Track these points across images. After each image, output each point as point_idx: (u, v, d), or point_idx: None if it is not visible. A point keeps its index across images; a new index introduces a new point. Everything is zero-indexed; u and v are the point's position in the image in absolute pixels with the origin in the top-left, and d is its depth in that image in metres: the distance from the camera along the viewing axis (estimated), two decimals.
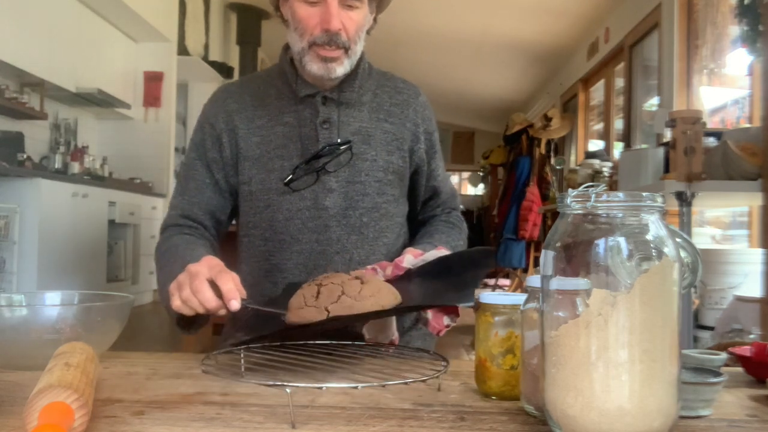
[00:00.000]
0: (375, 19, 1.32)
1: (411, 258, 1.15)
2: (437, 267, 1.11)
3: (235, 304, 0.94)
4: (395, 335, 1.08)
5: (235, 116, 1.29)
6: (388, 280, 1.11)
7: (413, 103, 1.38)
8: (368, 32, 1.30)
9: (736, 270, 2.80)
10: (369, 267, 1.17)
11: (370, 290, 0.88)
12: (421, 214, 1.45)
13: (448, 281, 1.03)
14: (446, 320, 1.02)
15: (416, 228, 1.44)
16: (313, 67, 1.22)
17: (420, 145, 1.37)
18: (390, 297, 0.90)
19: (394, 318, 1.08)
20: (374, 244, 1.29)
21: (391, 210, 1.33)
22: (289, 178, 1.24)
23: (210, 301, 0.95)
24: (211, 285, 0.96)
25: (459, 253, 1.21)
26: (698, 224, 4.07)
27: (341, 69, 1.23)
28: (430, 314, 1.02)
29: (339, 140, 1.26)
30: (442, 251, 1.17)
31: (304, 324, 0.90)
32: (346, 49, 1.22)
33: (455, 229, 1.42)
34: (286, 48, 1.33)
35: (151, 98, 6.49)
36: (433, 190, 1.43)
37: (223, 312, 0.97)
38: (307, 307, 0.87)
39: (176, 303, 0.97)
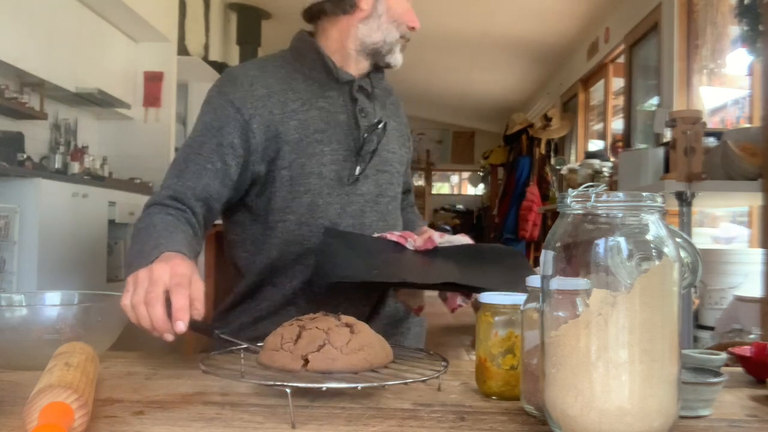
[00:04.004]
0: None
1: (437, 236, 1.26)
2: (471, 252, 1.23)
3: (181, 326, 0.82)
4: (423, 303, 1.21)
5: (267, 101, 1.26)
6: (417, 251, 1.22)
7: (400, 104, 1.48)
8: None
9: (736, 270, 2.79)
10: (397, 233, 1.24)
11: (359, 342, 0.78)
12: None
13: (495, 268, 1.14)
14: (459, 300, 1.17)
15: None
16: (399, 58, 1.34)
17: (410, 145, 1.49)
18: (381, 353, 0.80)
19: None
20: (393, 231, 1.36)
21: (398, 200, 1.43)
22: (358, 172, 1.28)
23: (158, 319, 0.84)
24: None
25: (490, 246, 1.32)
26: (698, 224, 4.07)
27: None
28: (448, 294, 1.17)
29: (376, 119, 1.33)
30: (467, 239, 1.29)
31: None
32: None
33: (422, 222, 1.56)
34: (307, 34, 1.36)
35: (151, 98, 6.49)
36: (407, 185, 1.53)
37: (170, 338, 0.85)
38: (282, 350, 0.77)
39: (125, 302, 0.87)
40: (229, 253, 1.35)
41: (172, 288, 0.86)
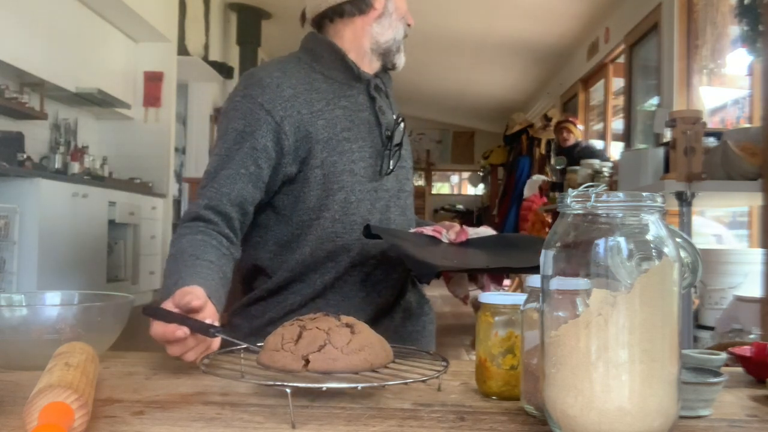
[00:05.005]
0: None
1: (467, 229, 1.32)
2: (502, 241, 1.29)
3: (180, 333, 0.86)
4: (468, 292, 1.24)
5: (294, 102, 1.27)
6: (451, 243, 1.26)
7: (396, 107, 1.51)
8: None
9: (736, 270, 2.80)
10: (430, 228, 1.28)
11: (360, 343, 0.77)
12: None
13: (532, 251, 1.19)
14: (492, 288, 1.23)
15: None
16: (403, 58, 1.38)
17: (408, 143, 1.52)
18: (382, 354, 0.79)
19: (467, 277, 1.25)
20: (411, 226, 1.39)
21: (413, 196, 1.46)
22: (392, 165, 1.32)
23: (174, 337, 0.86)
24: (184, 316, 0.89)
25: (516, 235, 1.40)
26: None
27: None
28: (485, 280, 1.24)
29: (395, 115, 1.37)
30: (491, 230, 1.33)
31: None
32: None
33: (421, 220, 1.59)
34: (320, 35, 1.37)
35: (151, 98, 6.49)
36: None
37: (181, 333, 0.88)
38: (282, 351, 0.77)
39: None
40: (247, 255, 1.34)
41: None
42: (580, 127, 6.69)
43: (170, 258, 1.14)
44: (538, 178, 6.84)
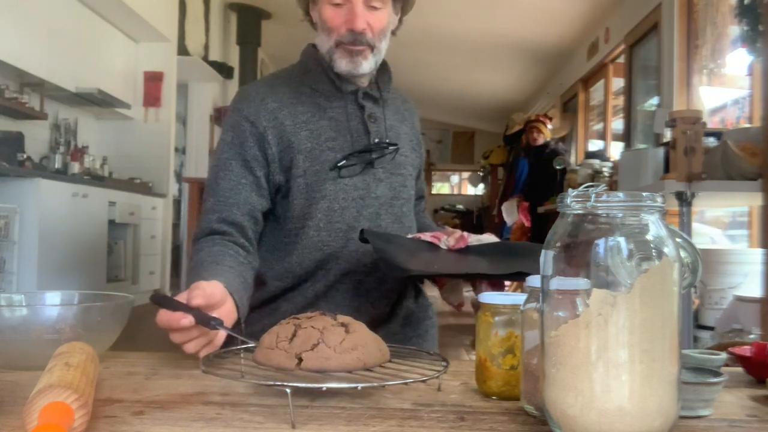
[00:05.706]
0: (400, 20, 1.40)
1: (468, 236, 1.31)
2: (503, 249, 1.27)
3: (185, 322, 0.87)
4: (463, 300, 1.24)
5: (278, 114, 1.31)
6: (450, 250, 1.25)
7: (415, 112, 1.53)
8: (393, 33, 1.38)
9: (736, 270, 2.80)
10: (430, 234, 1.27)
11: (353, 342, 0.78)
12: None
13: (532, 258, 1.16)
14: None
15: None
16: (342, 63, 1.30)
17: (422, 151, 1.53)
18: (376, 353, 0.79)
19: (462, 284, 1.25)
20: (408, 233, 1.38)
21: (412, 203, 1.45)
22: (342, 163, 1.29)
23: (173, 322, 0.87)
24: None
25: (518, 243, 1.37)
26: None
27: (366, 64, 1.32)
28: (484, 286, 1.21)
29: (388, 140, 1.35)
30: (494, 237, 1.33)
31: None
32: (371, 47, 1.31)
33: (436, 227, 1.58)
34: (314, 47, 1.39)
35: (151, 98, 6.49)
36: (420, 192, 1.55)
37: (186, 322, 0.89)
38: (277, 349, 0.77)
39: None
40: None
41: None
42: (550, 126, 6.69)
43: (190, 270, 1.17)
44: (511, 201, 6.89)
